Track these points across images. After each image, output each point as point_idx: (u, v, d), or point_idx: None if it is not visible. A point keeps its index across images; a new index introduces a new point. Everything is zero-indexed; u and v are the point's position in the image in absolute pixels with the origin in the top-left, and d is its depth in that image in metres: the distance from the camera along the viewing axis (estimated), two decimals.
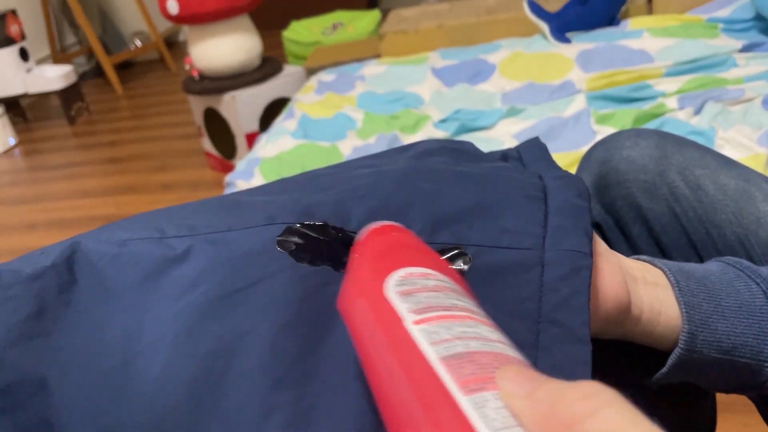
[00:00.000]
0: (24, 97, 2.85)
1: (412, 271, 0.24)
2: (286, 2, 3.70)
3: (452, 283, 0.25)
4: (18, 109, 2.96)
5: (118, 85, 3.24)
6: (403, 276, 0.24)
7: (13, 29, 2.66)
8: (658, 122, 1.14)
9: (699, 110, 1.15)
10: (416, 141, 0.42)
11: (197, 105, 1.95)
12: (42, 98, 3.28)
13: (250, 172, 1.29)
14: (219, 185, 1.94)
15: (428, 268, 0.25)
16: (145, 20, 3.42)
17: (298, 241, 0.29)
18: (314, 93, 1.64)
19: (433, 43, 1.79)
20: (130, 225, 0.32)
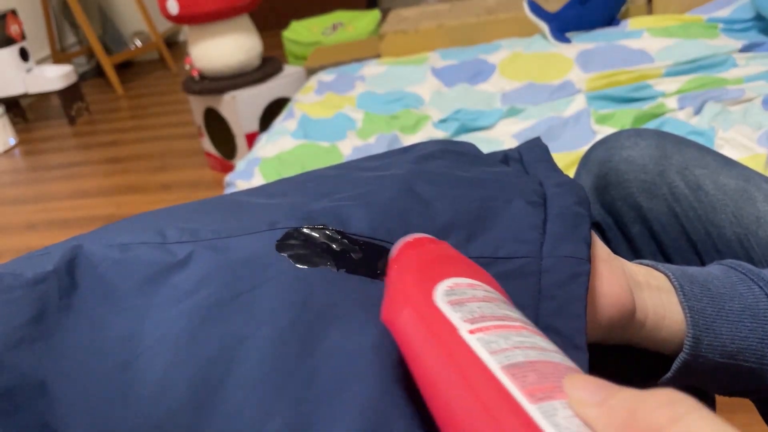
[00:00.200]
0: (24, 97, 2.85)
1: (459, 281, 0.23)
2: (286, 2, 3.70)
3: (499, 295, 0.24)
4: (18, 109, 2.96)
5: (118, 85, 3.24)
6: (451, 286, 0.23)
7: (13, 29, 2.66)
8: (658, 122, 1.14)
9: (699, 110, 1.15)
10: (417, 143, 0.42)
11: (197, 105, 1.95)
12: (42, 98, 3.28)
13: (250, 172, 1.29)
14: (219, 185, 1.94)
15: (474, 279, 0.24)
16: (145, 20, 3.42)
17: (298, 244, 0.29)
18: (314, 93, 1.64)
19: (433, 43, 1.79)
20: (132, 226, 0.32)
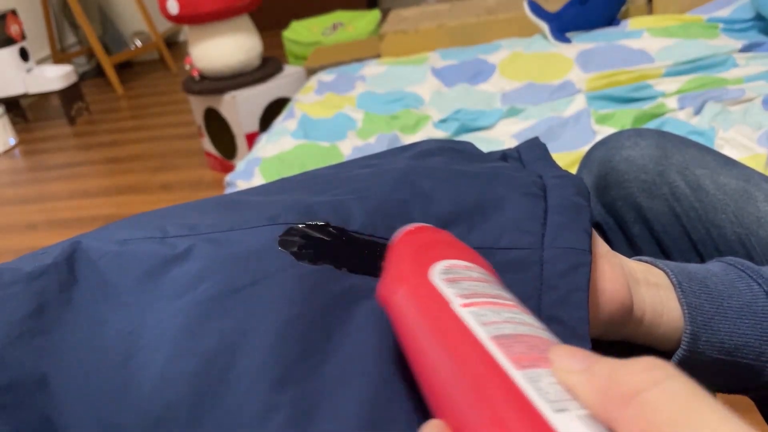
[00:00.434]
0: (24, 97, 2.85)
1: (456, 263, 0.24)
2: (286, 2, 3.70)
3: (494, 278, 0.25)
4: (18, 109, 2.96)
5: (118, 85, 3.24)
6: (448, 266, 0.23)
7: (13, 29, 2.66)
8: (658, 122, 1.14)
9: (699, 110, 1.15)
10: (416, 141, 0.42)
11: (197, 105, 1.95)
12: (42, 98, 3.28)
13: (250, 172, 1.29)
14: (219, 185, 1.94)
15: (471, 263, 0.25)
16: (146, 20, 3.42)
17: (300, 241, 0.29)
18: (314, 93, 1.64)
19: (433, 43, 1.79)
20: (131, 224, 0.32)
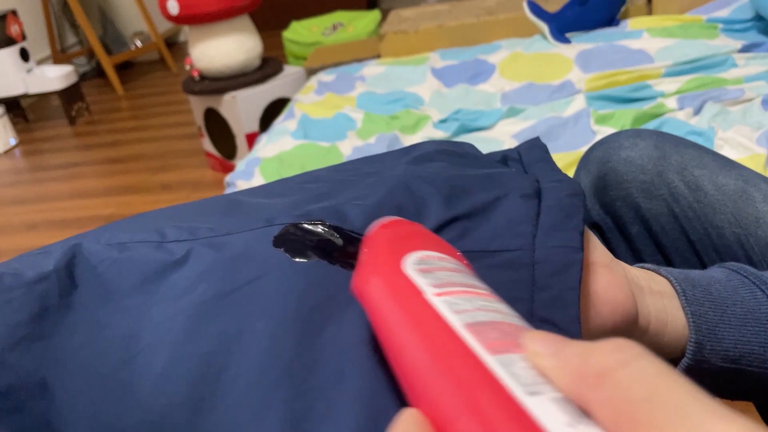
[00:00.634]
0: (24, 97, 2.85)
1: (430, 254, 0.24)
2: (286, 2, 3.70)
3: (467, 269, 0.25)
4: (18, 109, 2.97)
5: (118, 85, 3.24)
6: (421, 257, 0.24)
7: (13, 29, 2.66)
8: (658, 122, 1.14)
9: (698, 110, 1.15)
10: (416, 143, 0.42)
11: (197, 105, 1.95)
12: (42, 98, 3.28)
13: (250, 172, 1.29)
14: (219, 185, 1.95)
15: (444, 254, 0.25)
16: (146, 20, 3.42)
17: (294, 239, 0.29)
18: (314, 93, 1.64)
19: (433, 43, 1.79)
20: (131, 226, 0.32)
